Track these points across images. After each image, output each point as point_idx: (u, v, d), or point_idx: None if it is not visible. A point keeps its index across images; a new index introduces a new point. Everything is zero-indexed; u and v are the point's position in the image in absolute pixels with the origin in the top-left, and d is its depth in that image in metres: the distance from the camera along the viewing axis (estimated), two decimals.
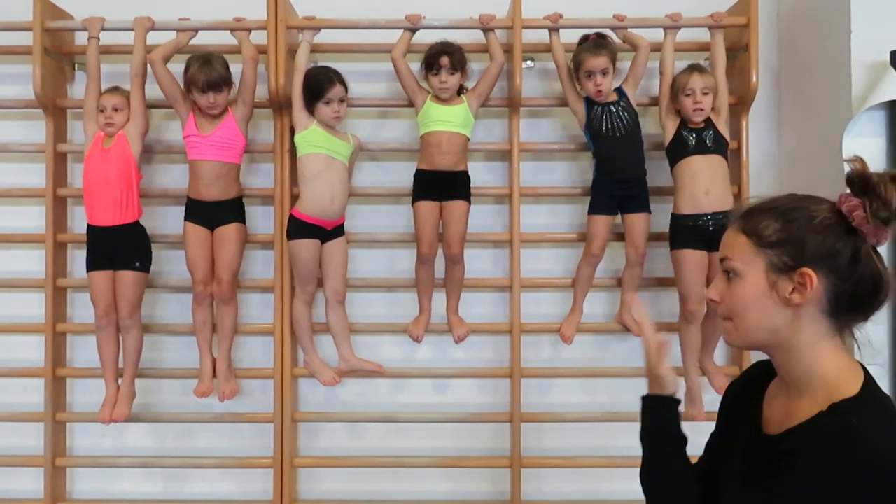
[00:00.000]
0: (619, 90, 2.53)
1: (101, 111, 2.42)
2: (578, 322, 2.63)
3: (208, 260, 2.51)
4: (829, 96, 2.40)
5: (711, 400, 2.58)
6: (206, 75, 2.38)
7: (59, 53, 2.61)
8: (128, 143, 2.44)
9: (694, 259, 2.44)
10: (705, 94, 2.43)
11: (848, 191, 1.04)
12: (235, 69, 2.47)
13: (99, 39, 2.46)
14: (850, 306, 1.05)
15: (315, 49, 2.54)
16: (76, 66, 2.70)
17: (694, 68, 2.48)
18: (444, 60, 2.46)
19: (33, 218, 2.66)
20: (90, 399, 2.69)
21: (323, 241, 2.50)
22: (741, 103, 2.58)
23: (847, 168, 1.06)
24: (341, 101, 2.46)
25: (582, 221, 2.64)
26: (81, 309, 2.68)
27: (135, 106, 2.46)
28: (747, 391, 1.21)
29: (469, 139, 2.56)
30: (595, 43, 2.47)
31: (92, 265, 2.46)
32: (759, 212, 1.09)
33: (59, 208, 2.63)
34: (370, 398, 2.75)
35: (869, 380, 1.06)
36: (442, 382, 2.77)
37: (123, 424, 2.67)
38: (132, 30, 2.46)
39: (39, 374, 2.61)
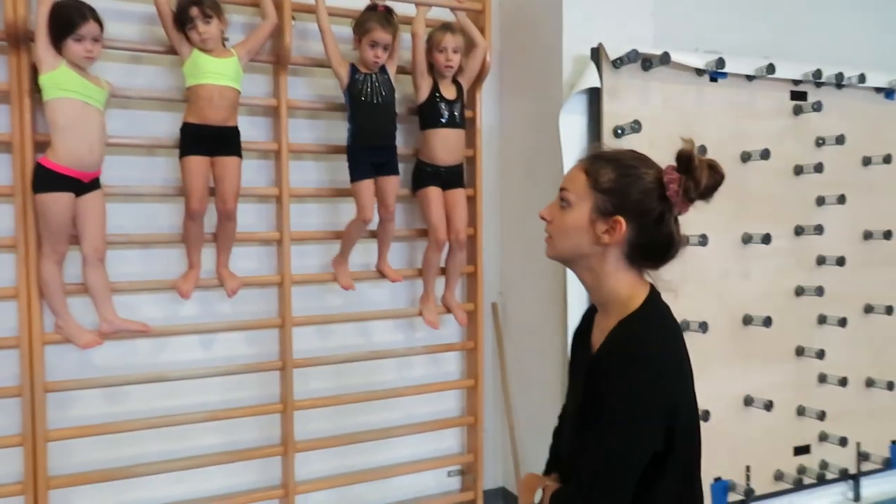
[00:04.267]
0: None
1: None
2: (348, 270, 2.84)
3: None
4: (545, 80, 2.94)
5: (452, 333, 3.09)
6: None
7: None
8: None
9: (437, 195, 2.86)
10: (455, 52, 2.80)
11: (675, 164, 1.24)
12: None
13: None
14: (643, 255, 1.29)
15: None
16: None
17: (447, 28, 2.81)
18: (195, 11, 2.40)
19: None
20: None
21: (78, 195, 2.30)
22: (477, 79, 2.99)
23: (564, 143, 1.31)
24: (95, 40, 2.27)
25: (344, 178, 2.80)
26: None
27: None
28: (583, 326, 1.43)
29: (240, 93, 2.54)
30: (385, 17, 2.63)
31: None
32: (604, 160, 1.29)
33: None
34: (129, 360, 2.61)
35: (651, 296, 1.30)
36: (209, 337, 2.75)
37: None
38: None
39: None
